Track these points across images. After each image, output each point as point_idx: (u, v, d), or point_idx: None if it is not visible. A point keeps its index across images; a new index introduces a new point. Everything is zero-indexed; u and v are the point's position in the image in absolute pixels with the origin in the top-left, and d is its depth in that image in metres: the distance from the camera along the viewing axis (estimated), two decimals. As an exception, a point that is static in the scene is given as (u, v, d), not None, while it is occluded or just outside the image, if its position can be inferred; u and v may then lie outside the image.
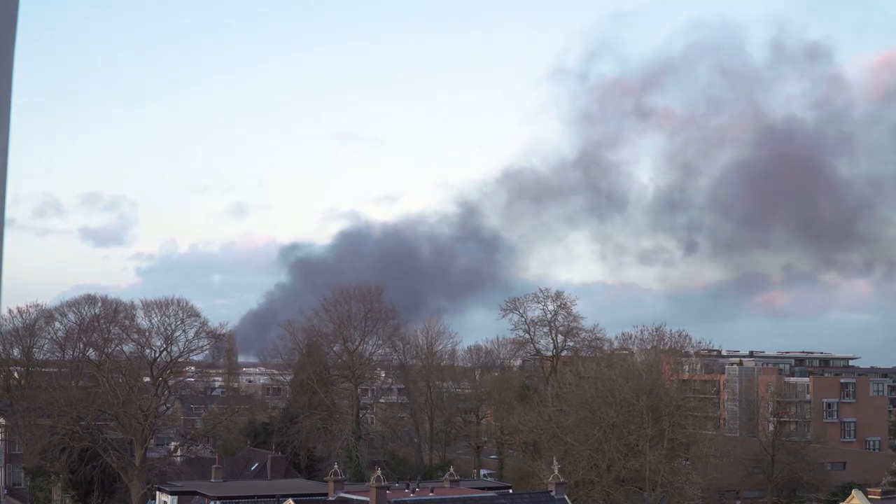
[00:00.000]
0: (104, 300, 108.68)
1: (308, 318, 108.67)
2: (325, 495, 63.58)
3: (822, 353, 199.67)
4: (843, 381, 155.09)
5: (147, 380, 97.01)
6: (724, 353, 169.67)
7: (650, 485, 76.78)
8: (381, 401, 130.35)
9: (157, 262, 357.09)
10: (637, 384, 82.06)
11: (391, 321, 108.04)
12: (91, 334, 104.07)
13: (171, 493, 74.07)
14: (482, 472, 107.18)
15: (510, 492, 69.29)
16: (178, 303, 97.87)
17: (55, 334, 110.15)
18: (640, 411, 79.00)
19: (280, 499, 64.56)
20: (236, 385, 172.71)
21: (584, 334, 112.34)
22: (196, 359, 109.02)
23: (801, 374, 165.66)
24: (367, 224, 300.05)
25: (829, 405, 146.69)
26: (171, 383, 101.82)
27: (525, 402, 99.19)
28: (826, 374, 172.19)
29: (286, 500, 63.50)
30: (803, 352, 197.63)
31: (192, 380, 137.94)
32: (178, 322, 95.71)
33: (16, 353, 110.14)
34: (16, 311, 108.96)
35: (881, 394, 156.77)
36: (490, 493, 64.29)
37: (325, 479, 69.77)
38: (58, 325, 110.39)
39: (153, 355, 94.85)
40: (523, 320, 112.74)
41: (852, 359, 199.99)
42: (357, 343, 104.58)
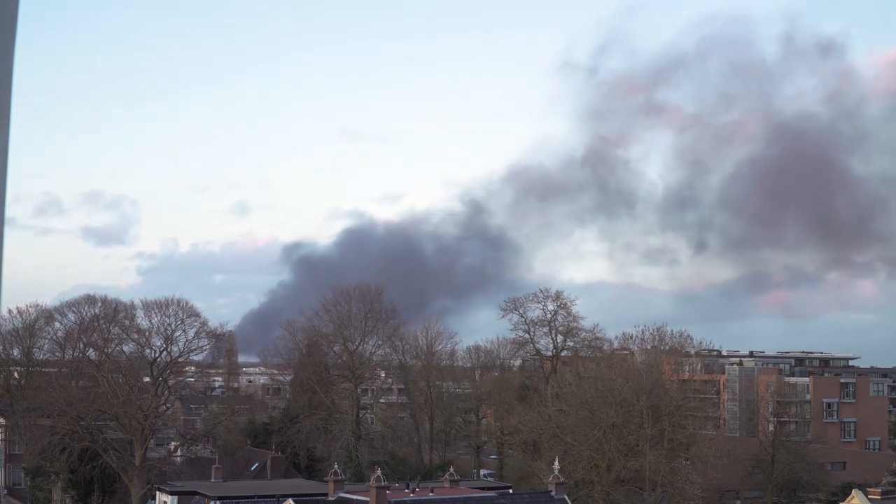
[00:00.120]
0: (104, 300, 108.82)
1: (308, 318, 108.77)
2: (325, 495, 63.56)
3: (822, 353, 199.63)
4: (843, 381, 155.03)
5: (147, 380, 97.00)
6: (724, 353, 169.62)
7: (650, 485, 76.76)
8: (381, 401, 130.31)
9: (159, 262, 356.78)
10: (637, 384, 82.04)
11: (391, 321, 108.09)
12: (91, 334, 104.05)
13: (171, 493, 74.06)
14: (482, 472, 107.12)
15: (510, 492, 69.25)
16: (178, 303, 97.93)
17: (55, 334, 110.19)
18: (640, 411, 78.98)
19: (280, 499, 64.53)
20: (236, 385, 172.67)
21: (583, 334, 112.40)
22: (196, 359, 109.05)
23: (801, 374, 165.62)
24: (370, 222, 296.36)
25: (829, 405, 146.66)
26: (171, 383, 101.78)
27: (525, 402, 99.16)
28: (826, 374, 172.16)
29: (286, 500, 63.47)
30: (803, 352, 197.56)
31: (192, 380, 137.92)
32: (178, 322, 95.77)
33: (16, 353, 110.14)
34: (16, 311, 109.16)
35: (881, 394, 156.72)
36: (490, 493, 64.26)
37: (325, 479, 69.75)
38: (58, 325, 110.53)
39: (153, 355, 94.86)
40: (523, 320, 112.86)
41: (852, 359, 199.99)
42: (357, 343, 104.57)
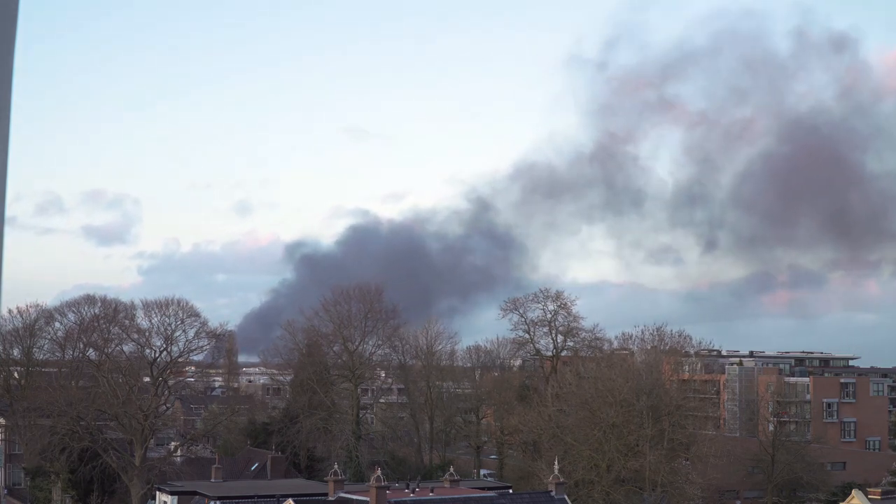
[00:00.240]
0: (104, 300, 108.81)
1: (308, 318, 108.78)
2: (325, 495, 63.56)
3: (821, 353, 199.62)
4: (843, 381, 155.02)
5: (147, 380, 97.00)
6: (724, 353, 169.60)
7: (650, 485, 76.75)
8: (381, 401, 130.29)
9: (160, 261, 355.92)
10: (637, 384, 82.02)
11: (391, 321, 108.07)
12: (91, 334, 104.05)
13: (171, 493, 74.07)
14: (482, 472, 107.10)
15: (510, 492, 69.27)
16: (178, 303, 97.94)
17: (55, 334, 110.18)
18: (640, 411, 78.97)
19: (280, 499, 64.53)
20: (236, 385, 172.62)
21: (583, 334, 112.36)
22: (196, 359, 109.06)
23: (801, 374, 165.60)
24: (375, 221, 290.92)
25: (829, 405, 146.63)
26: (171, 383, 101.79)
27: (525, 402, 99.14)
28: (826, 374, 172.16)
29: (286, 500, 63.47)
30: (803, 352, 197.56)
31: (192, 380, 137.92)
32: (178, 322, 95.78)
33: (16, 353, 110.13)
34: (16, 311, 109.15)
35: (881, 394, 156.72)
36: (490, 493, 64.27)
37: (325, 479, 69.75)
38: (58, 325, 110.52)
39: (153, 355, 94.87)
40: (523, 320, 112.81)
41: (852, 359, 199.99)
42: (357, 343, 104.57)
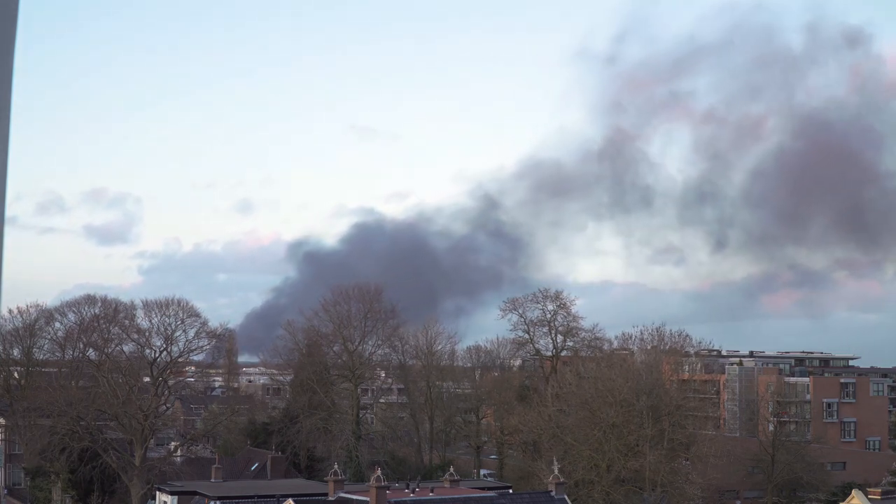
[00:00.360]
0: (104, 300, 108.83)
1: (308, 319, 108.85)
2: (325, 495, 63.57)
3: (821, 353, 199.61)
4: (843, 381, 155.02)
5: (147, 380, 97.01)
6: (724, 353, 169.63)
7: (650, 485, 76.74)
8: (381, 401, 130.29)
9: (161, 261, 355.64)
10: (637, 384, 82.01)
11: (391, 321, 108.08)
12: (91, 334, 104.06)
13: (171, 493, 74.07)
14: (482, 472, 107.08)
15: (510, 492, 69.27)
16: (179, 303, 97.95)
17: (55, 334, 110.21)
18: (640, 411, 78.96)
19: (280, 499, 64.52)
20: (236, 385, 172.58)
21: (583, 334, 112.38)
22: (196, 359, 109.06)
23: (801, 374, 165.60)
24: (380, 218, 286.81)
25: (829, 405, 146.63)
26: (171, 383, 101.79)
27: (525, 402, 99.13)
28: (826, 374, 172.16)
29: (286, 500, 63.46)
30: (803, 352, 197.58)
31: (192, 380, 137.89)
32: (179, 322, 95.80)
33: (16, 353, 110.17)
34: (16, 311, 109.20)
35: (881, 394, 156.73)
36: (490, 493, 64.28)
37: (325, 479, 69.76)
38: (58, 325, 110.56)
39: (153, 355, 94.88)
40: (523, 320, 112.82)
41: (852, 359, 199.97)
42: (357, 343, 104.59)
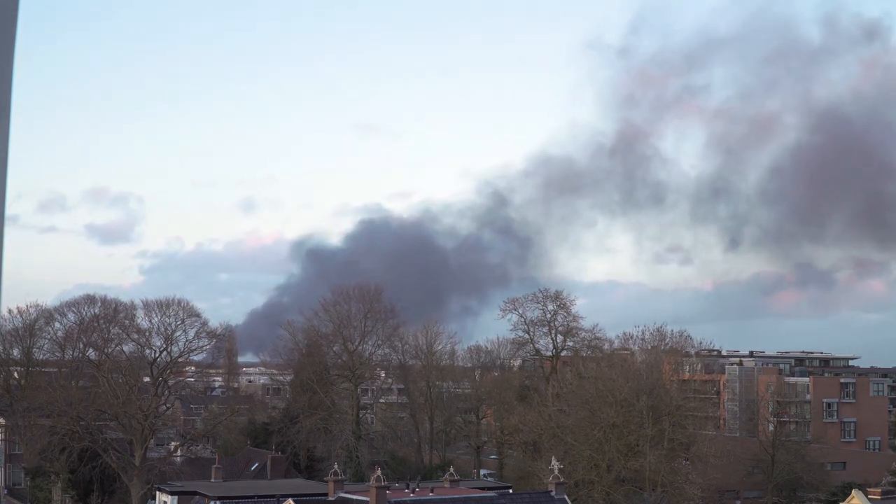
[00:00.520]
0: (104, 300, 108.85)
1: (308, 319, 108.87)
2: (325, 495, 63.55)
3: (821, 353, 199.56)
4: (843, 381, 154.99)
5: (147, 380, 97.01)
6: (724, 353, 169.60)
7: (650, 485, 76.74)
8: (381, 401, 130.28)
9: (162, 260, 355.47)
10: (637, 384, 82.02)
11: (391, 321, 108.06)
12: (91, 334, 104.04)
13: (171, 493, 74.05)
14: (482, 472, 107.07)
15: (510, 492, 69.23)
16: (179, 303, 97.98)
17: (55, 334, 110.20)
18: (641, 411, 78.95)
19: (280, 499, 64.50)
20: (236, 385, 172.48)
21: (583, 334, 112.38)
22: (196, 359, 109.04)
23: (801, 374, 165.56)
24: (386, 216, 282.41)
25: (829, 405, 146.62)
26: (171, 383, 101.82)
27: (525, 402, 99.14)
28: (826, 374, 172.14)
29: (286, 500, 63.44)
30: (803, 352, 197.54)
31: (192, 380, 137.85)
32: (179, 322, 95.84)
33: (16, 353, 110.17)
34: (16, 311, 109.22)
35: (881, 394, 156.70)
36: (490, 493, 64.24)
37: (325, 479, 69.74)
38: (58, 325, 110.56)
39: (153, 355, 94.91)
40: (523, 320, 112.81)
41: (852, 359, 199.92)
42: (357, 343, 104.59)
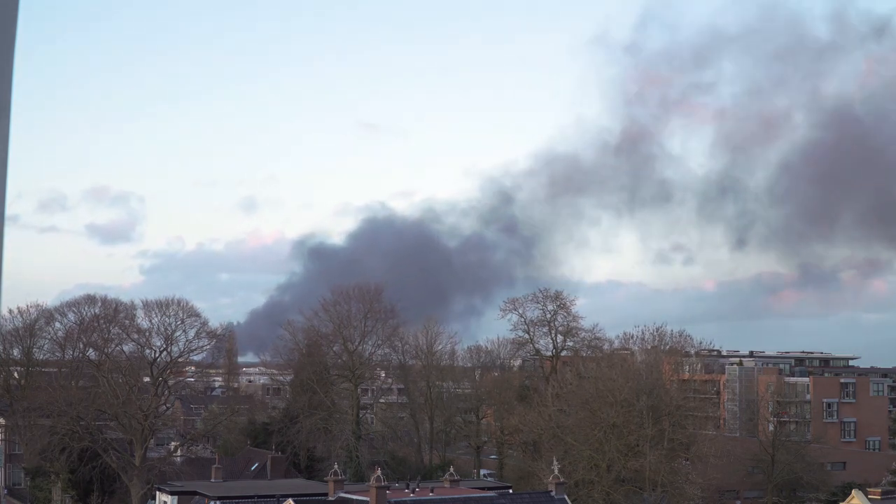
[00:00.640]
0: (104, 300, 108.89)
1: (308, 319, 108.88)
2: (325, 495, 63.55)
3: (821, 353, 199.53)
4: (843, 381, 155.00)
5: (147, 380, 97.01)
6: (724, 353, 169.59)
7: (650, 485, 76.73)
8: (381, 401, 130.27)
9: (163, 260, 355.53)
10: (637, 384, 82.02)
11: (391, 321, 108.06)
12: (91, 334, 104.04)
13: (171, 493, 74.06)
14: (482, 472, 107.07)
15: (510, 492, 69.24)
16: (179, 303, 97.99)
17: (55, 334, 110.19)
18: (641, 411, 78.95)
19: (280, 499, 64.50)
20: (236, 385, 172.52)
21: (583, 334, 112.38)
22: (196, 359, 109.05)
23: (801, 374, 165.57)
24: (390, 215, 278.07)
25: (829, 405, 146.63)
26: (171, 383, 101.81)
27: (525, 402, 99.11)
28: (826, 374, 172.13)
29: (286, 500, 63.44)
30: (803, 352, 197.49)
31: (192, 380, 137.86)
32: (179, 322, 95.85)
33: (16, 353, 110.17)
34: (16, 311, 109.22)
35: (881, 394, 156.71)
36: (490, 493, 64.25)
37: (325, 479, 69.74)
38: (58, 325, 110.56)
39: (153, 355, 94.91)
40: (522, 320, 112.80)
41: (852, 359, 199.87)
42: (357, 343, 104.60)
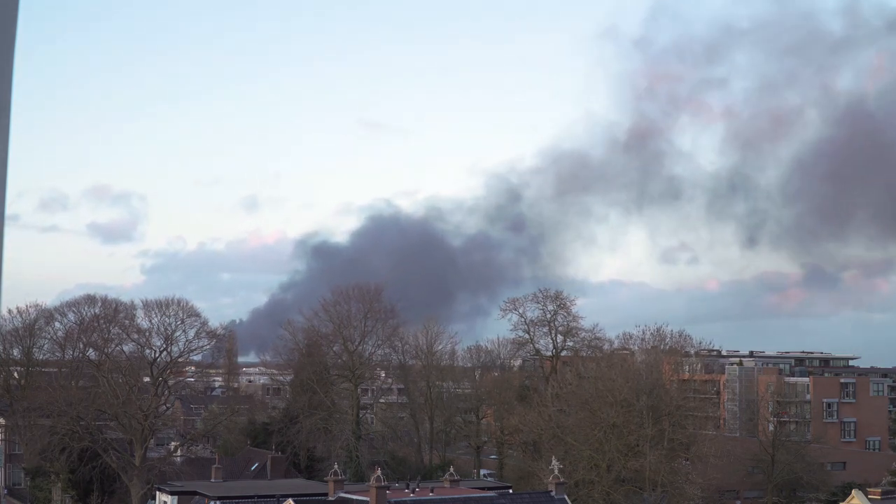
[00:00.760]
0: (104, 300, 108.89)
1: (308, 319, 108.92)
2: (325, 495, 63.55)
3: (821, 353, 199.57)
4: (843, 381, 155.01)
5: (147, 380, 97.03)
6: (724, 353, 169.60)
7: (650, 485, 76.75)
8: (381, 401, 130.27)
9: (164, 260, 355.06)
10: (637, 384, 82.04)
11: (391, 321, 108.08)
12: (91, 334, 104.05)
13: (171, 493, 74.06)
14: (482, 472, 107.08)
15: (510, 492, 69.23)
16: (179, 303, 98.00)
17: (55, 334, 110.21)
18: (640, 411, 78.97)
19: (280, 499, 64.50)
20: (236, 385, 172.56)
21: (583, 334, 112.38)
22: (196, 359, 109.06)
23: (801, 374, 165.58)
24: (396, 212, 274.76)
25: (829, 405, 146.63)
26: (171, 383, 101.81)
27: (525, 402, 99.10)
28: (826, 374, 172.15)
29: (286, 500, 63.44)
30: (803, 352, 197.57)
31: (192, 380, 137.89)
32: (179, 322, 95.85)
33: (16, 353, 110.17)
34: (16, 311, 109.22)
35: (881, 394, 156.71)
36: (490, 493, 64.23)
37: (325, 479, 69.75)
38: (58, 325, 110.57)
39: (153, 355, 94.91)
40: (523, 320, 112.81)
41: (852, 359, 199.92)
42: (357, 343, 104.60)
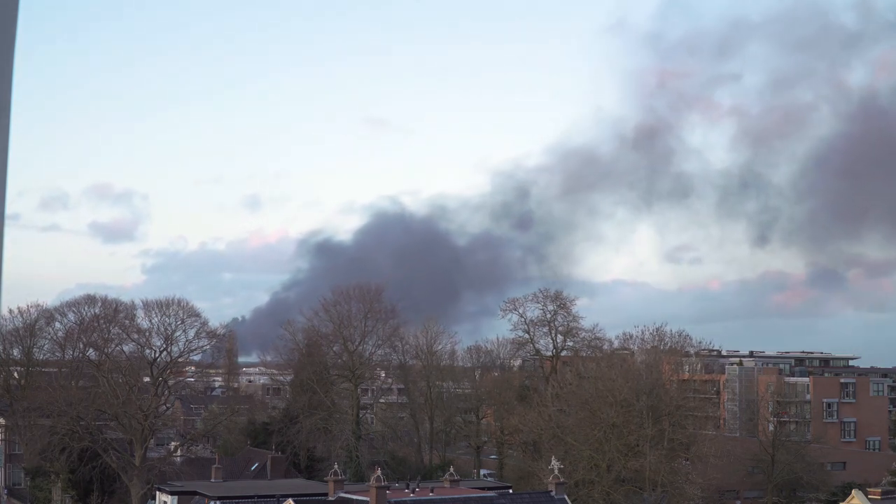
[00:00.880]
0: (104, 300, 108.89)
1: (308, 319, 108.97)
2: (325, 495, 63.57)
3: (821, 353, 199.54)
4: (843, 381, 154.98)
5: (147, 380, 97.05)
6: (724, 352, 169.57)
7: (650, 485, 76.76)
8: (381, 401, 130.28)
9: (165, 259, 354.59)
10: (637, 384, 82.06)
11: (391, 321, 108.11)
12: (91, 334, 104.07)
13: (171, 493, 74.08)
14: (482, 472, 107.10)
15: (510, 492, 69.25)
16: (179, 303, 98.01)
17: (55, 334, 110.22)
18: (640, 411, 78.98)
19: (280, 499, 64.52)
20: (236, 385, 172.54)
21: (583, 334, 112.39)
22: (196, 359, 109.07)
23: (801, 374, 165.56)
24: (400, 210, 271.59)
25: (829, 405, 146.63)
26: (171, 383, 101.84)
27: (525, 402, 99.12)
28: (826, 374, 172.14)
29: (286, 500, 63.46)
30: (803, 352, 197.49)
31: (192, 380, 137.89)
32: (179, 322, 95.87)
33: (16, 353, 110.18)
34: (16, 311, 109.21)
35: (881, 394, 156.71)
36: (490, 493, 64.24)
37: (325, 479, 69.77)
38: (58, 325, 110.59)
39: (153, 355, 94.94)
40: (523, 320, 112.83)
41: (852, 359, 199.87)
42: (357, 343, 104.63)
